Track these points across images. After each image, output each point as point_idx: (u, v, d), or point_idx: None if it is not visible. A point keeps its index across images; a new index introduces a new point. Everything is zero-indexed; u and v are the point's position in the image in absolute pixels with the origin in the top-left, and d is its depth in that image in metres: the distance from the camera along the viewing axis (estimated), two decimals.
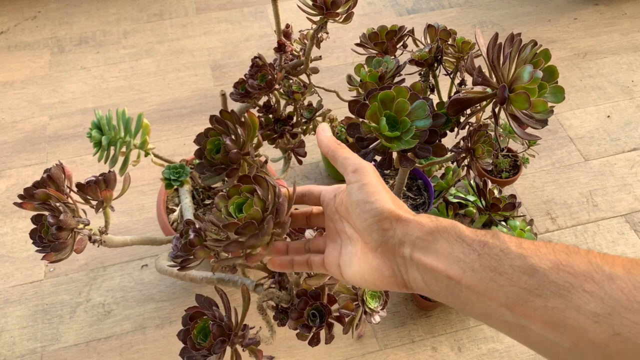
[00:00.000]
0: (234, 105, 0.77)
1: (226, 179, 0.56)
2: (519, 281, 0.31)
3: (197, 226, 0.51)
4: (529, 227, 0.86)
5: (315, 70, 0.80)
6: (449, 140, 0.77)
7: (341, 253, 0.43)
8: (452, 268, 0.34)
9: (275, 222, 0.41)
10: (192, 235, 0.55)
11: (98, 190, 0.61)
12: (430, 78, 0.77)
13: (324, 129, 0.46)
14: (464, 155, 0.72)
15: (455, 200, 0.91)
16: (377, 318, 0.63)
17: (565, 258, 0.30)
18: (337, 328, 0.60)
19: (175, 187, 0.69)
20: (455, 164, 0.74)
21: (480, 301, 0.33)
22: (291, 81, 0.82)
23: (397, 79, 0.71)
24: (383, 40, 0.76)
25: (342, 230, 0.44)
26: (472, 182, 0.80)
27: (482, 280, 0.32)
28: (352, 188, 0.40)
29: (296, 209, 0.48)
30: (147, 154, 0.67)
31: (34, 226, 0.58)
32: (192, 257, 0.55)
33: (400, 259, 0.38)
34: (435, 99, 0.74)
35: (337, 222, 0.44)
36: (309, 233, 0.55)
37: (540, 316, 0.30)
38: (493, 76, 0.56)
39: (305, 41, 0.80)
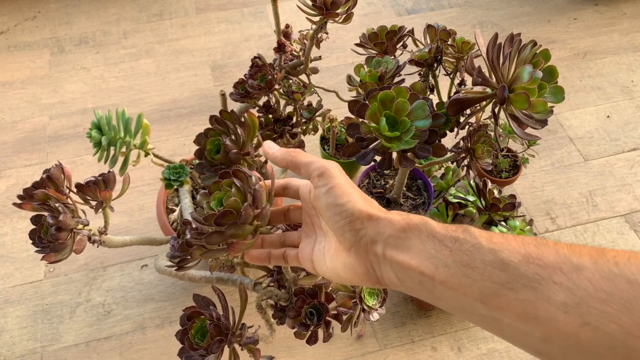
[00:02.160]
0: (233, 106, 0.77)
1: None
2: (491, 275, 0.32)
3: (194, 226, 0.51)
4: (528, 227, 0.86)
5: (315, 71, 0.80)
6: (449, 140, 0.77)
7: (314, 248, 0.43)
8: (424, 264, 0.35)
9: (255, 210, 0.41)
10: (188, 235, 0.55)
11: (97, 190, 0.61)
12: (430, 78, 0.77)
13: (270, 146, 0.45)
14: (463, 155, 0.72)
15: (455, 200, 0.91)
16: (375, 315, 0.63)
17: (534, 250, 0.31)
18: (337, 327, 0.60)
19: (175, 187, 0.69)
20: (455, 164, 0.74)
21: (454, 296, 0.34)
22: (291, 81, 0.82)
23: (396, 79, 0.71)
24: (383, 41, 0.76)
25: (318, 225, 0.44)
26: (471, 182, 0.80)
27: (455, 276, 0.33)
28: (320, 192, 0.40)
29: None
30: (147, 154, 0.67)
31: (33, 226, 0.58)
32: (189, 257, 0.55)
33: (373, 257, 0.38)
34: (435, 99, 0.74)
35: (313, 217, 0.45)
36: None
37: (513, 309, 0.30)
38: (493, 76, 0.56)
39: (305, 41, 0.80)
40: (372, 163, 0.62)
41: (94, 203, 0.62)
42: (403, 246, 0.36)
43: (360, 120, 0.57)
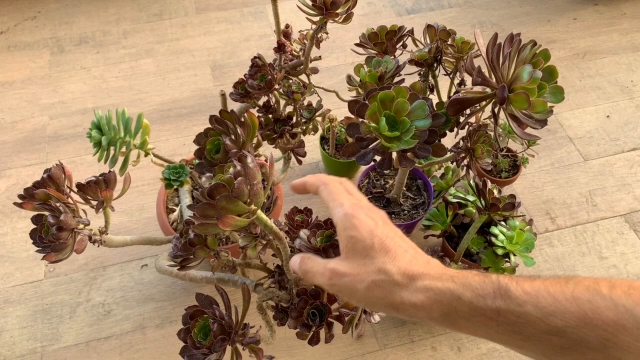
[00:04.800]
0: (233, 105, 0.77)
1: None
2: (550, 341, 0.31)
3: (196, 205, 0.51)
4: (528, 227, 0.86)
5: (315, 70, 0.80)
6: (449, 140, 0.78)
7: None
8: (480, 333, 0.35)
9: (249, 188, 0.41)
10: (191, 235, 0.55)
11: (98, 190, 0.61)
12: (430, 78, 0.77)
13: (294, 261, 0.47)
14: (463, 155, 0.72)
15: (454, 200, 0.91)
16: (376, 317, 0.63)
17: (589, 307, 0.30)
18: (337, 327, 0.60)
19: (175, 187, 0.69)
20: (454, 164, 0.74)
21: (521, 351, 0.34)
22: (291, 81, 0.82)
23: (396, 79, 0.71)
24: (383, 41, 0.76)
25: None
26: (471, 182, 0.80)
27: (512, 341, 0.33)
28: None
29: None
30: (147, 154, 0.67)
31: (34, 226, 0.58)
32: (191, 256, 0.55)
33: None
34: (434, 99, 0.75)
35: None
36: (303, 233, 0.55)
37: None
38: (492, 76, 0.56)
39: (305, 41, 0.80)
40: (372, 163, 0.62)
41: (94, 203, 0.62)
42: (453, 324, 0.36)
43: (360, 120, 0.57)
